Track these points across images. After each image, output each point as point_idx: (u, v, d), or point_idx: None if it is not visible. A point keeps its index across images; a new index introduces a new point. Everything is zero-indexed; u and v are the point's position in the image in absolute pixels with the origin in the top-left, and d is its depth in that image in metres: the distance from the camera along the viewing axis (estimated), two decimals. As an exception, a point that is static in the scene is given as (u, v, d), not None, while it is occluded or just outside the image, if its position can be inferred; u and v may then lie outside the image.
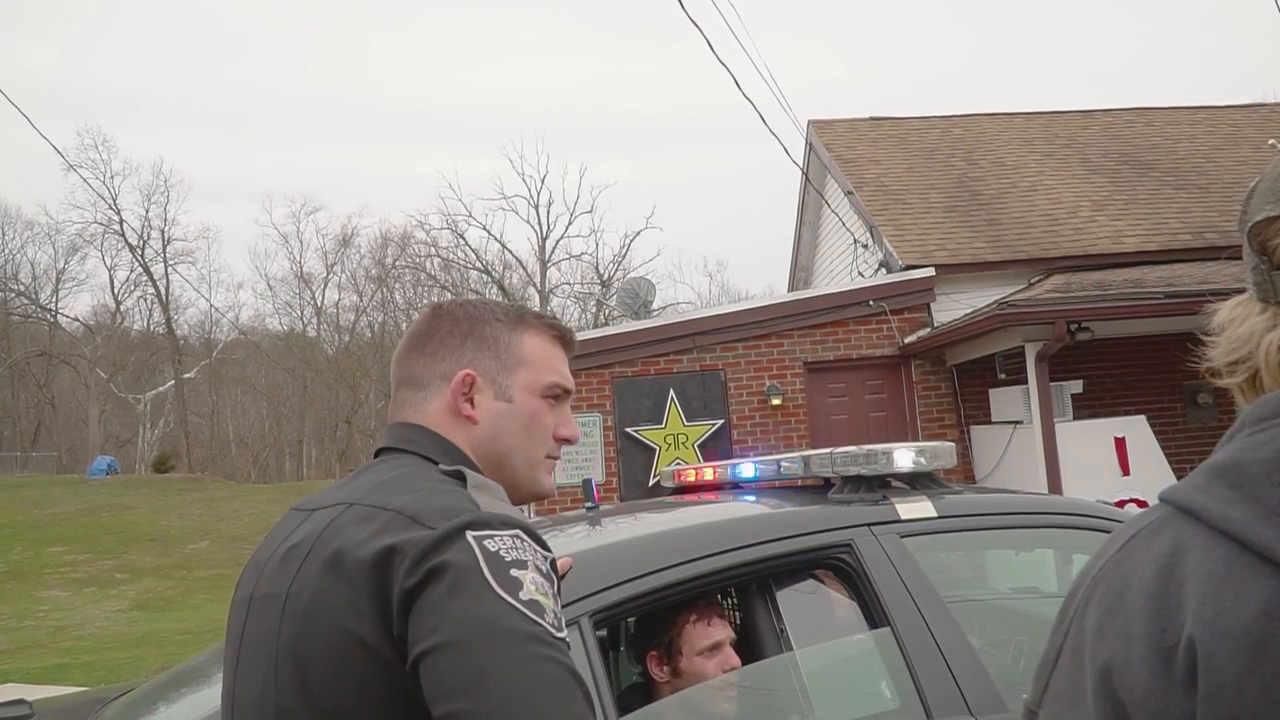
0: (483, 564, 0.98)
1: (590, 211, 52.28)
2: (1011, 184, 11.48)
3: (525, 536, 1.05)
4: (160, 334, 52.34)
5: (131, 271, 51.78)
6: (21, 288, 52.35)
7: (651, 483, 9.30)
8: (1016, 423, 8.72)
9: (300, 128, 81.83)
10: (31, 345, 52.34)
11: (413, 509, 1.06)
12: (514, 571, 0.99)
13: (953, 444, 2.69)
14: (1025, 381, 8.47)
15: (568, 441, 1.35)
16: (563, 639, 0.98)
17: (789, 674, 2.28)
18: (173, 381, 50.06)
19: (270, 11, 79.27)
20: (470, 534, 1.01)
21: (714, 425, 9.58)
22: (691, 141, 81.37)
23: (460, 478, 1.17)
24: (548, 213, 44.96)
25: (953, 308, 9.71)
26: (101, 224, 49.05)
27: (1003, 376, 9.25)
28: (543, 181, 47.43)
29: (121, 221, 48.86)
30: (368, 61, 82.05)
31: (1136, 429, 8.26)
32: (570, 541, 2.39)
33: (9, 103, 7.29)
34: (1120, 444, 8.08)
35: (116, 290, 52.81)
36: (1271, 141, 11.94)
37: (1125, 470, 8.02)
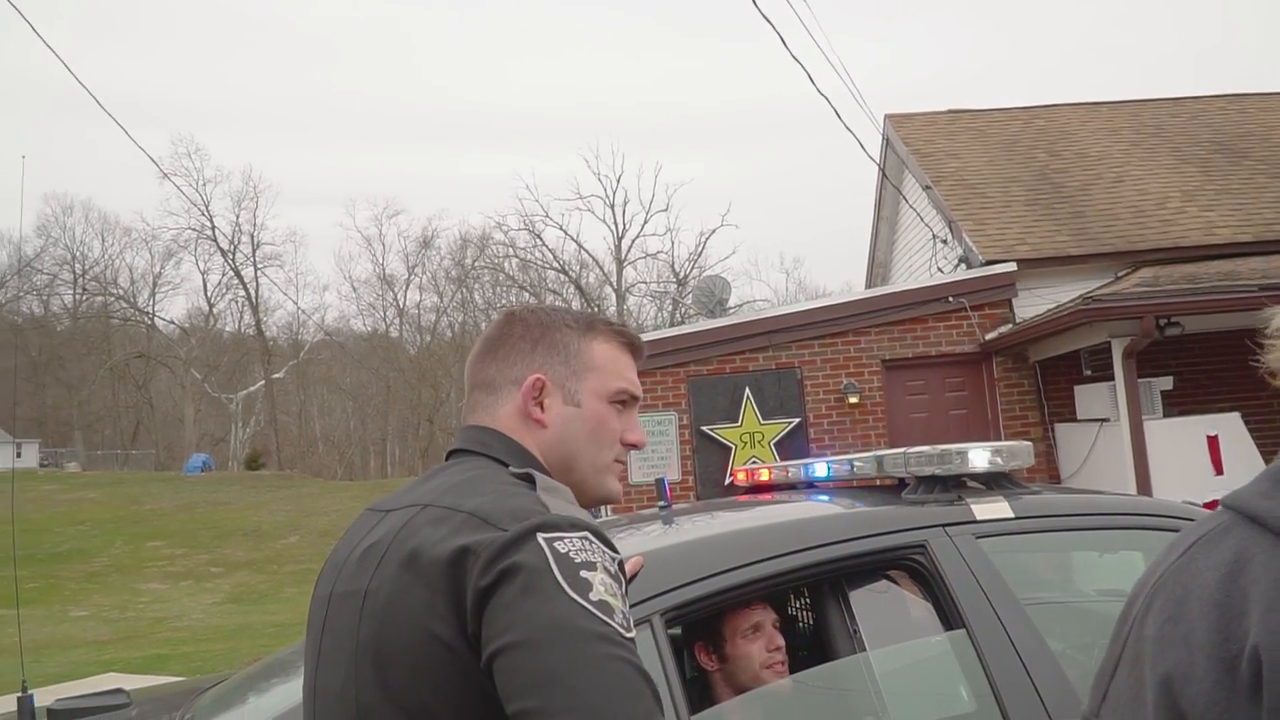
0: (553, 566, 1.01)
1: (666, 210, 52.28)
2: (1096, 175, 11.17)
3: (593, 538, 1.07)
4: (250, 335, 53.93)
5: (223, 275, 53.50)
6: (120, 292, 54.43)
7: (727, 481, 9.28)
8: (1103, 420, 8.49)
9: (383, 132, 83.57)
10: (130, 347, 54.36)
11: (484, 511, 1.09)
12: (583, 573, 1.02)
13: (1030, 443, 2.64)
14: (1112, 378, 8.24)
15: (634, 446, 1.37)
16: (631, 639, 1.00)
17: (862, 675, 2.27)
18: (263, 381, 51.54)
19: (355, 19, 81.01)
20: (541, 536, 1.04)
21: (790, 424, 9.53)
22: (767, 137, 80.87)
23: (530, 480, 1.19)
24: (623, 212, 45.18)
25: (1035, 303, 9.50)
26: (195, 230, 50.78)
27: (1088, 373, 9.01)
28: (618, 181, 47.79)
29: (214, 227, 50.52)
30: (448, 67, 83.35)
31: (1230, 426, 7.98)
32: (643, 540, 2.41)
33: (108, 115, 7.60)
34: (1213, 442, 7.82)
35: (209, 293, 54.61)
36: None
37: (1218, 469, 7.75)
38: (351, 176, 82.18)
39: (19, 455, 46.62)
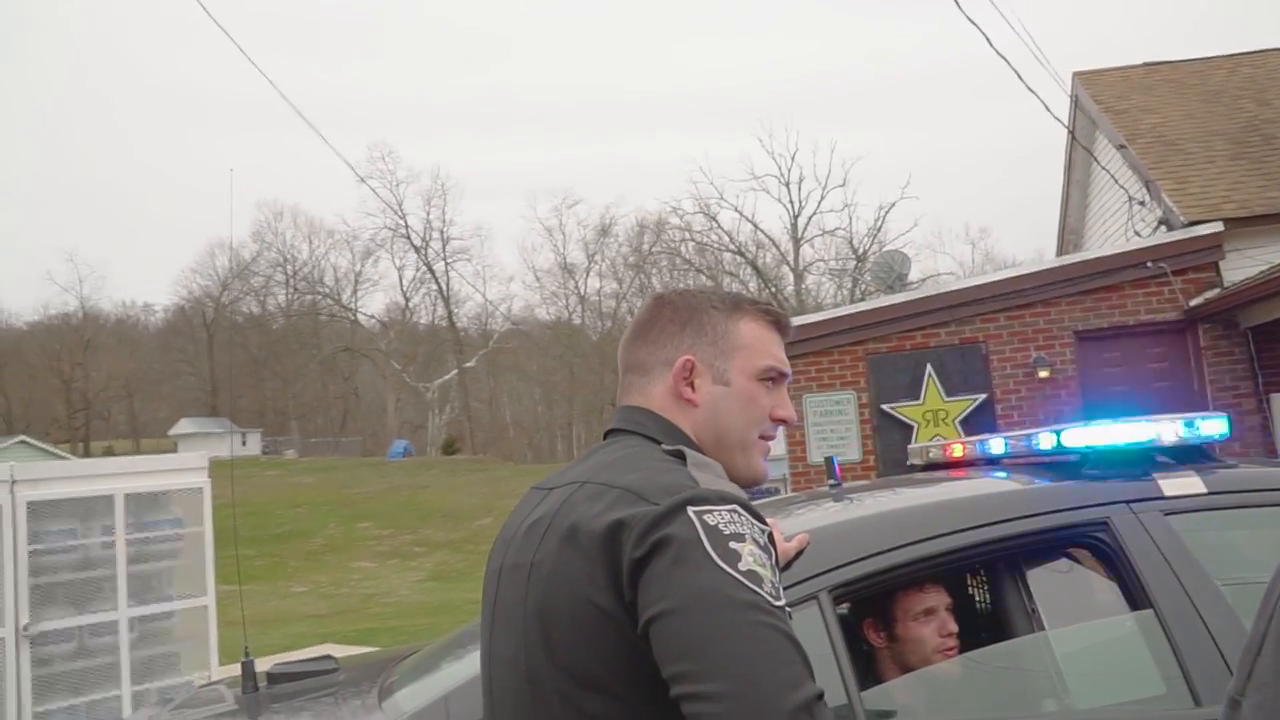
0: (703, 537, 1.07)
1: (843, 185, 51.29)
2: (1315, 123, 10.23)
3: (742, 511, 1.13)
4: (443, 327, 56.53)
5: (417, 270, 56.30)
6: (327, 290, 58.08)
7: (910, 461, 9.08)
8: (1327, 390, 7.81)
9: (559, 124, 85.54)
10: (337, 342, 57.98)
11: (638, 486, 1.16)
12: (732, 544, 1.07)
13: (1225, 415, 2.49)
14: (1337, 343, 7.57)
15: (784, 423, 1.41)
16: (780, 607, 1.05)
17: (1041, 654, 2.22)
18: (456, 370, 53.94)
19: (527, 13, 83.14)
20: (691, 509, 1.09)
21: (975, 400, 9.22)
22: (945, 106, 77.89)
23: (681, 457, 1.25)
24: (799, 190, 44.64)
25: (1245, 264, 8.80)
26: (390, 229, 53.67)
27: (1310, 339, 8.30)
28: (793, 158, 47.26)
29: (407, 225, 53.18)
30: (618, 54, 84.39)
31: None
32: (812, 518, 2.43)
33: (310, 126, 8.14)
34: None
35: (405, 288, 57.56)
36: None
37: None
38: (531, 169, 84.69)
39: (244, 444, 50.65)
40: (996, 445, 2.90)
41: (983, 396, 9.22)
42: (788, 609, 1.08)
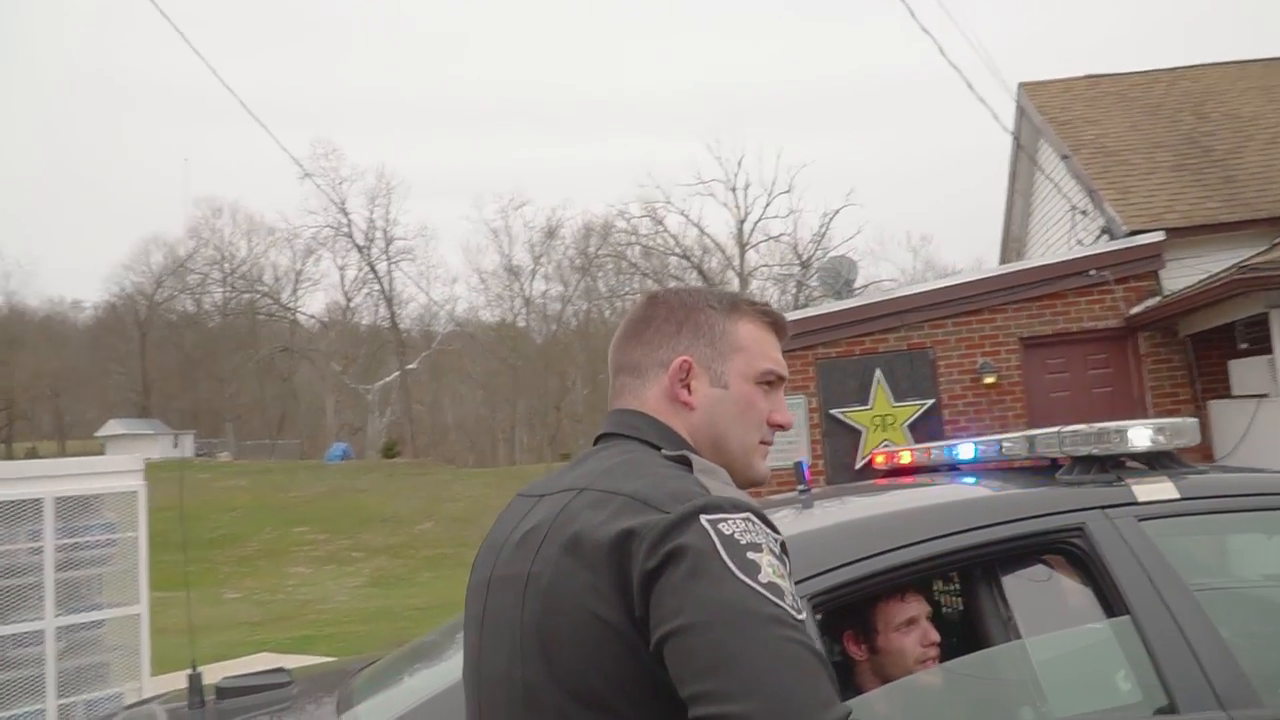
0: (720, 547, 1.00)
1: (788, 192, 51.64)
2: (1248, 137, 10.51)
3: (756, 519, 1.06)
4: (385, 328, 55.88)
5: (360, 270, 55.55)
6: (265, 289, 57.07)
7: (859, 465, 9.12)
8: (1261, 396, 7.99)
9: (507, 125, 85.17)
10: (275, 342, 56.98)
11: (644, 493, 1.09)
12: (750, 554, 1.00)
13: (1196, 420, 2.49)
14: (1269, 351, 7.75)
15: (781, 427, 1.35)
16: (803, 620, 0.99)
17: (1018, 662, 2.19)
18: (397, 372, 53.34)
19: (480, 14, 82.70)
20: (704, 518, 1.02)
21: (923, 405, 9.29)
22: (890, 114, 79.10)
23: (685, 463, 1.18)
24: (745, 195, 44.90)
25: (1185, 274, 8.99)
26: (332, 227, 52.88)
27: (1244, 346, 8.49)
28: (739, 164, 47.38)
29: (350, 224, 52.44)
30: (567, 57, 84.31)
31: (1407, 401, 7.41)
32: (784, 525, 2.36)
33: (256, 120, 7.94)
34: (1387, 418, 7.27)
35: (347, 288, 56.75)
36: None
37: (1394, 447, 7.21)
38: (478, 170, 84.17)
39: (176, 446, 49.51)
40: (966, 450, 2.87)
41: (930, 401, 9.29)
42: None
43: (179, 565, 16.83)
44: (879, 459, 3.47)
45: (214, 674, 2.60)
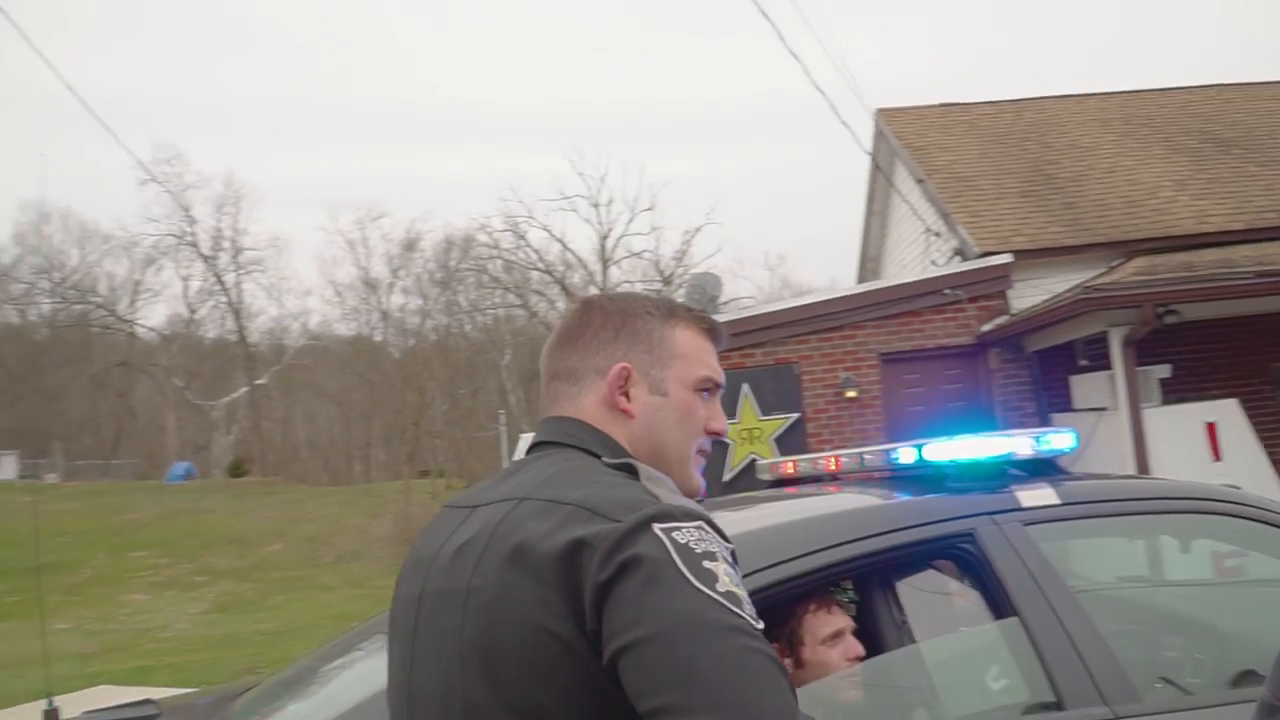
0: (675, 557, 0.97)
1: (651, 209, 52.19)
2: (1088, 166, 11.22)
3: (708, 528, 1.04)
4: (233, 342, 53.59)
5: (205, 281, 53.09)
6: (100, 300, 53.96)
7: (727, 478, 9.24)
8: (1101, 410, 8.50)
9: (365, 135, 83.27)
10: (110, 356, 53.91)
11: (593, 502, 1.05)
12: (706, 563, 0.98)
13: (1074, 430, 2.61)
14: (1109, 367, 8.25)
15: (718, 435, 1.34)
16: (761, 629, 0.97)
17: (913, 666, 2.23)
18: (246, 388, 51.21)
19: (337, 22, 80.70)
20: (657, 526, 1.00)
21: (789, 419, 9.50)
22: (751, 135, 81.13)
23: (631, 471, 1.16)
24: (608, 211, 45.01)
25: (1031, 294, 9.52)
26: (176, 236, 50.40)
27: (1084, 363, 9.03)
28: (602, 180, 47.83)
29: (195, 233, 50.11)
30: (431, 67, 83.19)
31: (1228, 413, 8.00)
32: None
33: (98, 120, 7.48)
34: (1211, 429, 7.84)
35: (190, 300, 54.17)
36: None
37: (1217, 456, 7.77)
38: (334, 180, 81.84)
39: (-2, 466, 46.16)
40: (854, 460, 2.93)
41: (795, 415, 9.51)
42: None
43: (1, 594, 15.67)
44: (788, 467, 3.48)
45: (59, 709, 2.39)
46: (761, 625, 0.98)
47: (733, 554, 1.04)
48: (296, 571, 24.36)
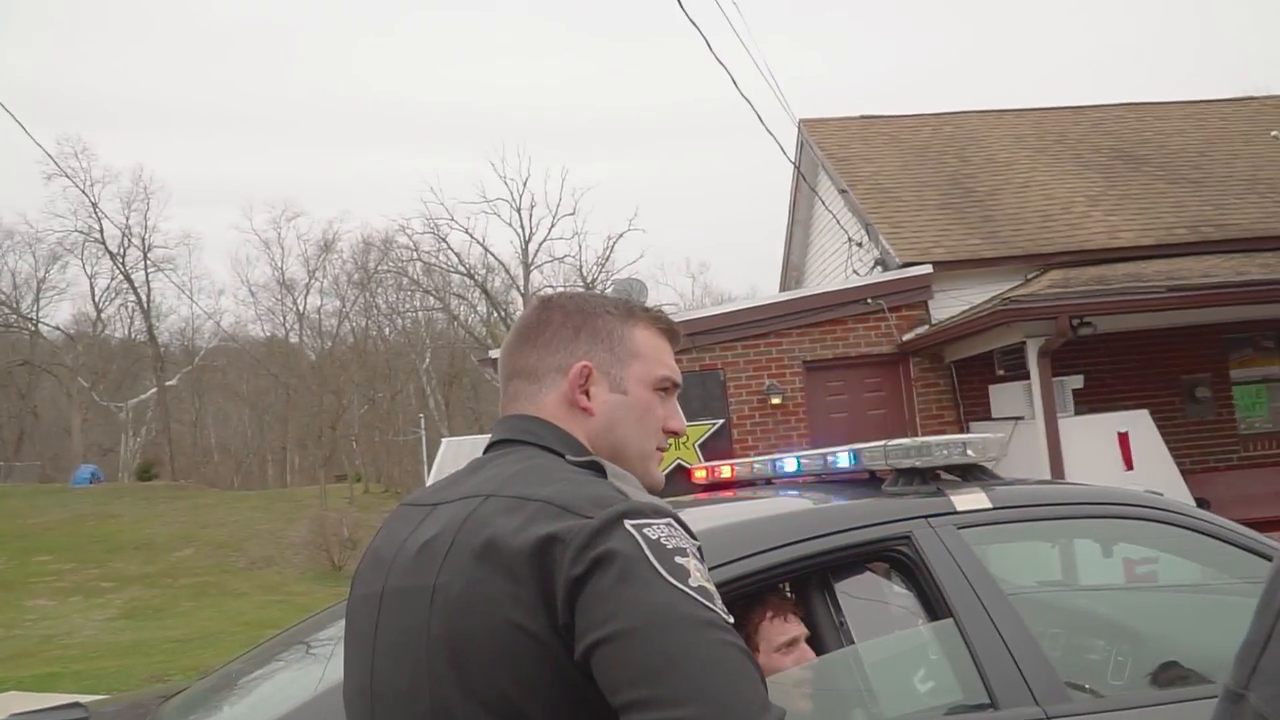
0: (647, 552, 0.98)
1: (573, 214, 52.33)
2: (1005, 180, 11.53)
3: (677, 524, 1.05)
4: (142, 342, 51.90)
5: (112, 279, 51.34)
6: (3, 297, 51.79)
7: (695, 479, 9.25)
8: (1018, 419, 8.73)
9: (280, 132, 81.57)
10: (13, 355, 51.79)
11: (562, 499, 1.06)
12: (678, 559, 0.99)
13: (1004, 436, 2.67)
14: (1025, 377, 8.47)
15: (675, 434, 1.36)
16: (732, 623, 0.99)
17: (851, 668, 2.26)
18: (155, 389, 49.66)
19: (249, 15, 78.87)
20: (628, 523, 1.01)
21: (714, 425, 9.56)
22: (673, 142, 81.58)
23: (597, 468, 1.17)
24: (530, 215, 44.91)
25: (950, 304, 9.74)
26: (82, 232, 48.60)
27: (1001, 373, 9.26)
28: (524, 184, 47.52)
29: (102, 229, 48.43)
30: (348, 64, 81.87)
31: (1140, 423, 8.29)
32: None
33: (3, 109, 7.19)
34: (1124, 439, 8.11)
35: (97, 298, 52.33)
36: (1274, 133, 12.02)
37: (1129, 465, 8.04)
38: (249, 178, 79.98)
39: (-112, 469, 44.00)
40: (790, 464, 2.96)
41: (721, 421, 9.57)
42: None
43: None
44: (699, 473, 3.51)
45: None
46: (732, 620, 0.99)
47: (700, 550, 1.06)
48: (207, 577, 23.76)
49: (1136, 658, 2.67)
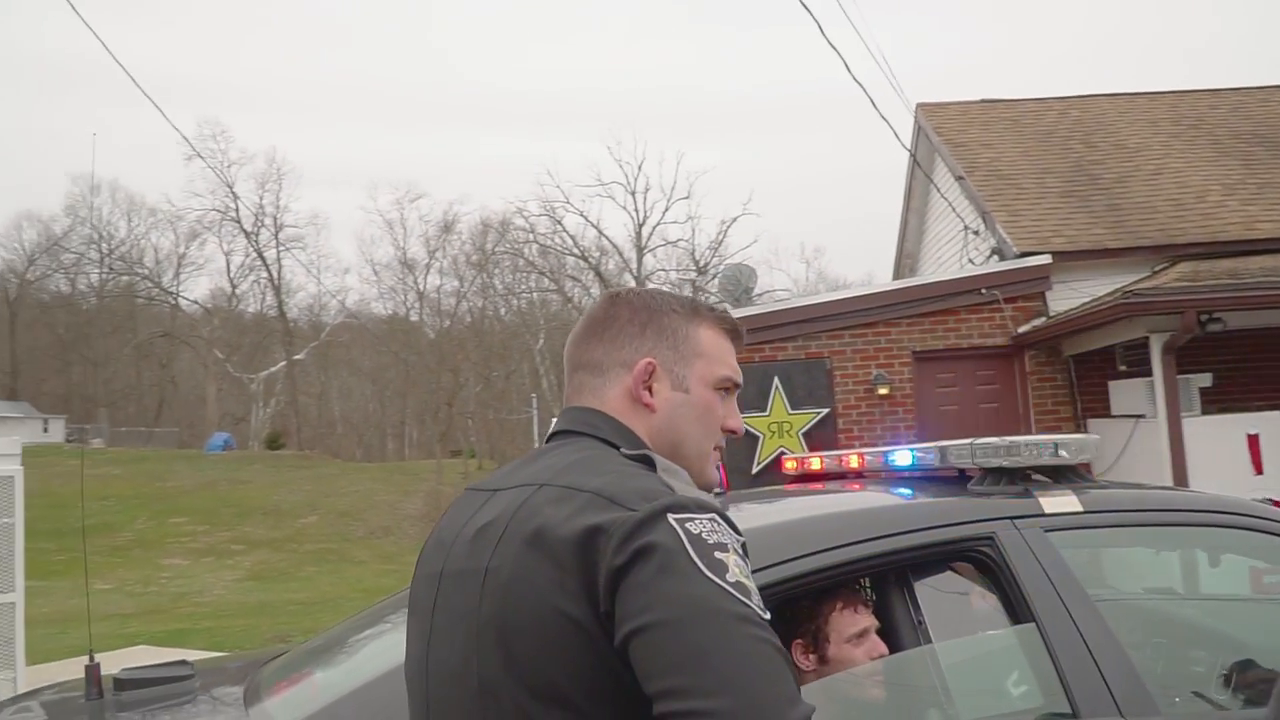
0: (688, 546, 1.01)
1: (687, 198, 52.27)
2: (1134, 167, 11.03)
3: (720, 520, 1.07)
4: (272, 316, 54.21)
5: (246, 256, 53.80)
6: (146, 271, 54.77)
7: (755, 470, 9.24)
8: (1139, 417, 8.39)
9: (405, 116, 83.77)
10: (154, 326, 54.74)
11: (610, 491, 1.09)
12: (718, 554, 1.02)
13: (1097, 437, 2.59)
14: (1149, 374, 8.13)
15: (734, 434, 1.38)
16: (769, 620, 1.01)
17: (927, 667, 2.23)
18: (284, 362, 51.83)
19: (379, 4, 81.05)
20: (672, 516, 1.03)
21: (819, 414, 9.47)
22: (790, 126, 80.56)
23: (648, 462, 1.19)
24: (644, 199, 45.08)
25: (1070, 296, 9.39)
26: (219, 211, 51.04)
27: (1123, 369, 8.90)
28: (639, 168, 47.68)
29: (238, 209, 50.70)
30: (472, 51, 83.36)
31: (1271, 425, 7.86)
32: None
33: (145, 95, 7.61)
34: (1254, 441, 7.71)
35: (232, 274, 54.91)
36: None
37: (1258, 469, 7.64)
38: (374, 160, 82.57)
39: (46, 430, 47.13)
40: (879, 459, 2.93)
41: (825, 410, 9.48)
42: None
43: (46, 554, 16.05)
44: (789, 464, 3.50)
45: (79, 666, 2.47)
46: (768, 616, 1.01)
47: (744, 546, 1.08)
48: (329, 544, 24.69)
49: (1242, 673, 2.56)
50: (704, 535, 1.03)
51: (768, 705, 0.92)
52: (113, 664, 2.58)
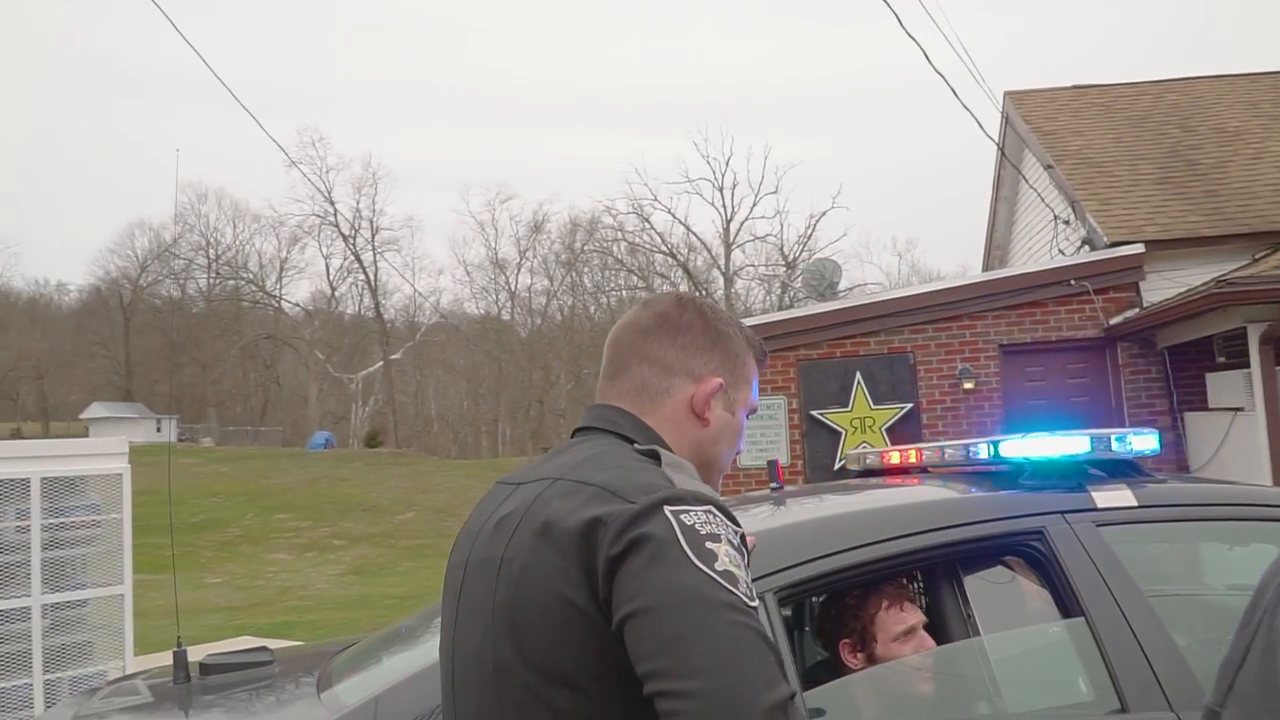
0: (680, 536, 1.08)
1: (775, 192, 51.73)
2: (1233, 151, 10.63)
3: (717, 512, 1.14)
4: (370, 317, 55.65)
5: (345, 259, 55.32)
6: (250, 276, 56.74)
7: (837, 466, 9.21)
8: (1237, 409, 8.11)
9: (493, 118, 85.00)
10: (259, 329, 56.68)
11: (613, 485, 1.17)
12: (709, 544, 1.08)
13: (1155, 431, 2.57)
14: (1247, 365, 7.86)
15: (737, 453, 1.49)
16: (755, 607, 1.07)
17: (976, 660, 2.25)
18: (381, 362, 53.15)
19: (470, 11, 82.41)
20: (667, 509, 1.11)
21: (902, 409, 9.38)
22: (878, 118, 79.24)
23: (655, 456, 1.27)
24: (732, 194, 45.04)
25: (1164, 286, 9.11)
26: (318, 216, 52.60)
27: (1221, 360, 8.60)
28: (727, 163, 47.51)
29: (336, 213, 52.21)
30: (557, 52, 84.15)
31: (1377, 418, 7.53)
32: (756, 520, 2.44)
33: (241, 106, 7.97)
34: (1357, 434, 7.39)
35: (331, 277, 56.52)
36: None
37: (1362, 462, 7.33)
38: (465, 162, 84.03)
39: (159, 430, 49.24)
40: (934, 454, 2.95)
41: (909, 405, 9.39)
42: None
43: (160, 548, 16.80)
44: (874, 458, 3.49)
45: (198, 654, 2.66)
46: (756, 604, 1.07)
47: (741, 538, 1.15)
48: (425, 540, 25.20)
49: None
50: (697, 526, 1.09)
51: (744, 686, 0.98)
52: (217, 652, 2.77)
